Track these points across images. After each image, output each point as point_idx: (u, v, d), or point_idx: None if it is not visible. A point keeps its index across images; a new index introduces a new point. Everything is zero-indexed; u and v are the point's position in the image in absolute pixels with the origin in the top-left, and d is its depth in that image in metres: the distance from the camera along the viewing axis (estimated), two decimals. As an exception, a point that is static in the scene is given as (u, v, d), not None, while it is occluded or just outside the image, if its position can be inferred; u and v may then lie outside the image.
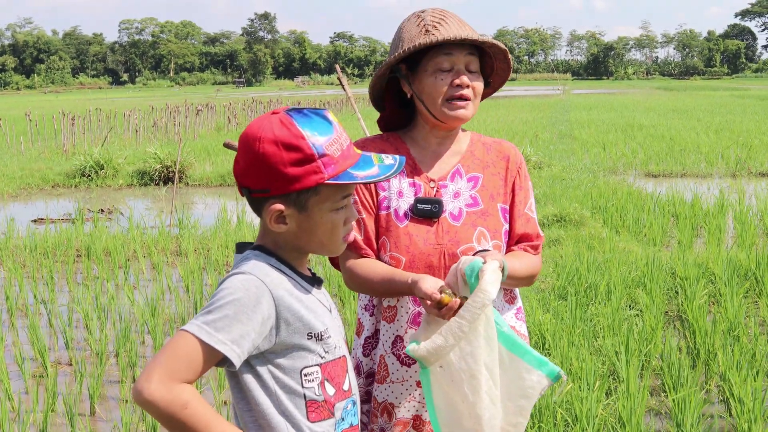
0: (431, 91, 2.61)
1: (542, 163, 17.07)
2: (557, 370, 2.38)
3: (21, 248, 9.83)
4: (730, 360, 5.46)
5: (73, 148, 23.13)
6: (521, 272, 2.61)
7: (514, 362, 2.38)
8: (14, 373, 5.94)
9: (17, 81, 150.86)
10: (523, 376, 2.38)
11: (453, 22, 2.61)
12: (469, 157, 2.74)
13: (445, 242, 2.60)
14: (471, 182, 2.69)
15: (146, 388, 1.78)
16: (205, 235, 10.45)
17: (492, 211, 2.67)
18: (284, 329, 1.94)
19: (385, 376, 2.62)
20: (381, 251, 2.65)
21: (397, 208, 2.65)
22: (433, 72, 2.60)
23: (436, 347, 2.27)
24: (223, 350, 1.84)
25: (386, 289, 2.56)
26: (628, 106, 43.20)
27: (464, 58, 2.61)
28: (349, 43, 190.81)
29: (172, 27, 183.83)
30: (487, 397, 2.29)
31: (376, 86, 2.74)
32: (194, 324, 1.85)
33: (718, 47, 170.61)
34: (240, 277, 1.92)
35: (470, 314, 2.25)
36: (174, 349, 1.83)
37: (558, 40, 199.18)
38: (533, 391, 2.39)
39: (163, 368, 1.80)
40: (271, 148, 1.91)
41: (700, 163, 17.92)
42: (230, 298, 1.87)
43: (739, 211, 11.10)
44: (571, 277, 7.51)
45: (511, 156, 2.76)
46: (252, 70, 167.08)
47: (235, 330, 1.85)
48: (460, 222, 2.63)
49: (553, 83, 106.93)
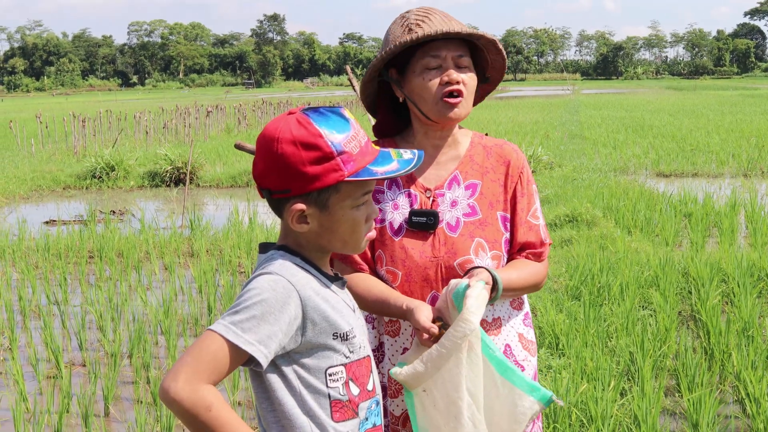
0: (421, 92, 2.53)
1: (553, 163, 17.05)
2: (549, 395, 2.38)
3: (33, 250, 9.86)
4: (744, 360, 5.44)
5: (83, 150, 23.20)
6: (519, 283, 2.54)
7: (506, 387, 2.36)
8: (28, 374, 5.96)
9: (27, 83, 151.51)
10: (515, 402, 2.37)
11: (437, 18, 2.52)
12: (468, 163, 2.64)
13: (442, 255, 2.53)
14: (469, 190, 2.60)
15: (172, 387, 1.78)
16: (217, 236, 10.47)
17: (491, 220, 2.58)
18: (311, 329, 1.93)
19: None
20: (377, 265, 2.59)
21: (392, 221, 2.58)
22: (421, 72, 2.53)
23: (415, 373, 2.28)
24: (251, 351, 1.83)
25: (380, 310, 2.52)
26: (637, 105, 43.10)
27: (452, 54, 2.52)
28: (358, 44, 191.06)
29: (181, 29, 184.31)
30: (470, 422, 2.28)
31: (365, 92, 2.67)
32: (221, 324, 1.85)
33: (728, 46, 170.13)
34: (267, 277, 1.91)
35: (451, 343, 2.24)
36: (201, 349, 1.83)
37: (567, 40, 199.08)
38: (524, 417, 2.38)
39: (190, 368, 1.80)
40: (289, 148, 1.90)
41: (711, 163, 17.86)
42: (258, 298, 1.87)
43: (751, 211, 11.06)
44: (583, 278, 7.49)
45: (512, 161, 2.65)
46: (261, 72, 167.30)
47: (262, 330, 1.85)
48: (457, 233, 2.55)
49: (563, 83, 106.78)
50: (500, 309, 2.61)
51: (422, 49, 2.53)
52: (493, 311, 2.58)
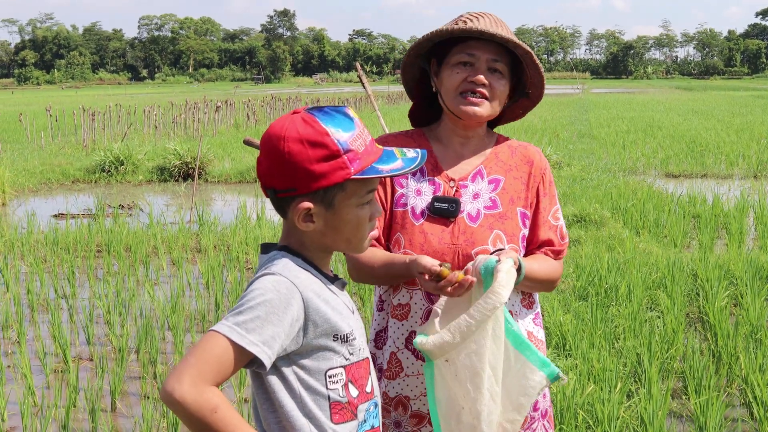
0: (447, 83, 2.59)
1: (562, 162, 17.03)
2: (557, 371, 2.41)
3: (42, 243, 9.89)
4: (752, 363, 5.43)
5: (93, 144, 23.24)
6: (540, 274, 2.58)
7: (519, 361, 2.40)
8: (36, 367, 5.98)
9: (37, 76, 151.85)
10: (527, 376, 2.40)
11: (485, 20, 2.58)
12: (493, 159, 2.70)
13: (461, 242, 2.57)
14: (492, 184, 2.66)
15: (177, 389, 1.77)
16: (224, 231, 10.48)
17: (511, 215, 2.63)
18: (312, 331, 1.93)
19: (398, 371, 2.61)
20: (395, 248, 2.62)
21: (414, 205, 2.63)
22: (454, 65, 2.58)
23: (443, 343, 2.30)
24: (255, 351, 1.83)
25: (386, 273, 2.56)
26: (647, 105, 43.02)
27: (486, 56, 2.56)
28: (368, 40, 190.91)
29: (191, 23, 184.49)
30: (488, 393, 2.32)
31: (405, 76, 2.75)
32: (225, 325, 1.84)
33: (739, 47, 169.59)
34: (271, 278, 1.91)
35: (480, 314, 2.27)
36: (204, 350, 1.82)
37: (577, 39, 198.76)
38: (533, 390, 2.41)
39: (194, 369, 1.79)
40: (296, 147, 1.90)
41: (720, 164, 17.82)
42: (261, 299, 1.87)
43: (760, 213, 11.03)
44: (591, 278, 7.48)
45: (535, 161, 2.72)
46: (271, 67, 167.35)
47: (266, 331, 1.85)
48: (477, 223, 2.60)
49: (573, 82, 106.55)
50: (511, 305, 2.64)
51: (460, 45, 2.59)
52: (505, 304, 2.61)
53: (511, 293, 2.61)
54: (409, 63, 2.71)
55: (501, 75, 2.60)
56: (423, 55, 2.69)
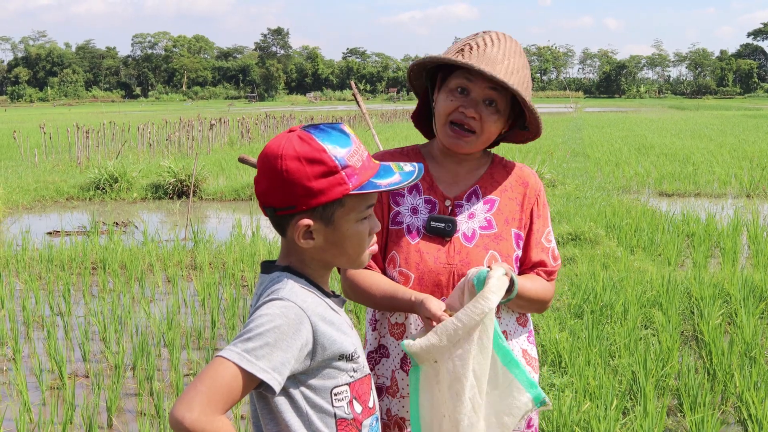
0: (440, 108, 2.58)
1: (556, 181, 17.08)
2: (542, 396, 2.39)
3: (37, 260, 9.88)
4: (747, 381, 5.45)
5: (87, 161, 23.24)
6: (532, 293, 2.57)
7: (507, 378, 2.38)
8: (32, 384, 5.97)
9: (30, 93, 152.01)
10: (513, 395, 2.38)
11: (492, 52, 2.52)
12: (488, 179, 2.70)
13: (456, 262, 2.57)
14: (487, 204, 2.65)
15: (188, 417, 1.76)
16: (220, 249, 10.49)
17: (506, 235, 2.63)
18: (320, 354, 1.93)
19: (396, 391, 2.61)
20: (390, 266, 2.62)
21: (410, 224, 2.62)
22: (452, 90, 2.56)
23: (429, 345, 2.28)
24: (265, 378, 1.82)
25: (387, 304, 2.54)
26: (640, 124, 43.19)
27: (483, 90, 2.53)
28: (362, 59, 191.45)
29: (185, 41, 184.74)
30: (469, 403, 2.29)
31: (413, 81, 2.73)
32: (234, 352, 1.83)
33: (731, 66, 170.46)
34: (279, 303, 1.90)
35: (468, 319, 2.26)
36: (214, 377, 1.80)
37: (570, 58, 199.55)
38: (519, 411, 2.39)
39: (204, 397, 1.78)
40: (293, 164, 1.91)
41: (713, 183, 17.89)
42: (270, 325, 1.86)
43: (753, 232, 11.07)
44: (586, 296, 7.50)
45: (530, 183, 2.71)
46: (264, 85, 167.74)
47: (276, 358, 1.84)
48: (472, 243, 2.59)
49: (566, 101, 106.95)
50: (506, 323, 2.64)
51: (462, 71, 2.55)
52: (500, 324, 2.61)
53: (506, 313, 2.63)
54: (415, 77, 2.71)
55: (495, 109, 2.56)
56: (428, 69, 2.68)
